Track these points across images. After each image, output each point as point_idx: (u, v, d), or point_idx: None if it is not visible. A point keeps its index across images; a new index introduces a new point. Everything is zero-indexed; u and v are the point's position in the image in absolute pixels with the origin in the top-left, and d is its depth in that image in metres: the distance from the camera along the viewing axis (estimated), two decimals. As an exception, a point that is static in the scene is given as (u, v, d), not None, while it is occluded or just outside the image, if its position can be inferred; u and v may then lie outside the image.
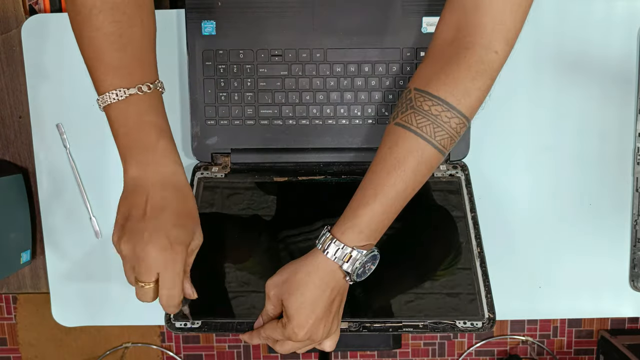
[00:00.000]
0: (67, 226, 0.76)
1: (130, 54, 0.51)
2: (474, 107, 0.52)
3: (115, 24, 0.50)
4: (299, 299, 0.53)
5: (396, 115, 0.54)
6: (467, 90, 0.51)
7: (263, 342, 0.57)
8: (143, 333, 1.72)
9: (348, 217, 0.53)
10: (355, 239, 0.52)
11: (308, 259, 0.54)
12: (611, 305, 0.75)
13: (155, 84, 0.52)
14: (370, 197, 0.52)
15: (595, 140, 0.73)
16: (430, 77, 0.52)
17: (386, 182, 0.52)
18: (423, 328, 0.59)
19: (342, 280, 0.54)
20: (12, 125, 0.77)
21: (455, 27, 0.52)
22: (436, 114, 0.51)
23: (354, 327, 0.60)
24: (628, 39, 0.71)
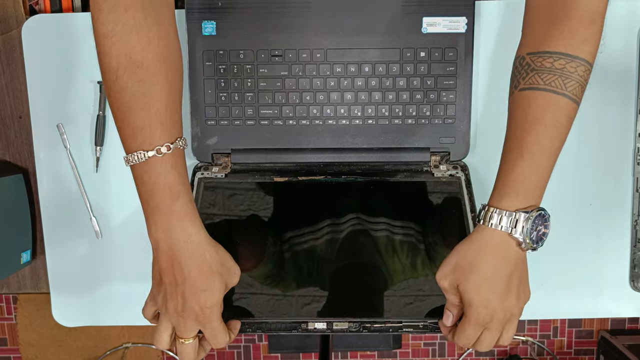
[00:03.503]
0: (67, 226, 0.76)
1: (153, 113, 0.51)
2: (594, 51, 0.53)
3: (139, 84, 0.50)
4: (475, 278, 0.52)
5: (517, 84, 0.54)
6: (585, 38, 0.52)
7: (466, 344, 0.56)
8: (143, 333, 1.72)
9: (501, 184, 0.53)
10: (515, 203, 0.52)
11: (473, 238, 0.53)
12: (611, 305, 0.75)
13: (176, 142, 0.52)
14: (517, 159, 0.52)
15: (595, 140, 0.73)
16: (541, 38, 0.53)
17: (529, 141, 0.52)
18: (423, 328, 0.60)
19: (516, 249, 0.53)
20: (12, 125, 0.77)
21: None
22: (561, 67, 0.52)
23: (354, 327, 0.60)
24: (628, 39, 0.71)
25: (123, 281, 0.76)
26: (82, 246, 0.76)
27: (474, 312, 0.52)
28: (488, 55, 0.72)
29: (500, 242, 0.52)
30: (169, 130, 0.52)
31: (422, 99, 0.70)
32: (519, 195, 0.52)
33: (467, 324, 0.54)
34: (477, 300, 0.52)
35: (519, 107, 0.54)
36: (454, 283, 0.54)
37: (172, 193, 0.51)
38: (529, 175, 0.52)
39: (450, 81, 0.70)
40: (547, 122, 0.52)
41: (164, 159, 0.51)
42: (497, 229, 0.52)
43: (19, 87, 0.76)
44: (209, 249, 0.53)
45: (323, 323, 0.60)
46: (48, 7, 0.76)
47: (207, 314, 0.52)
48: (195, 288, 0.52)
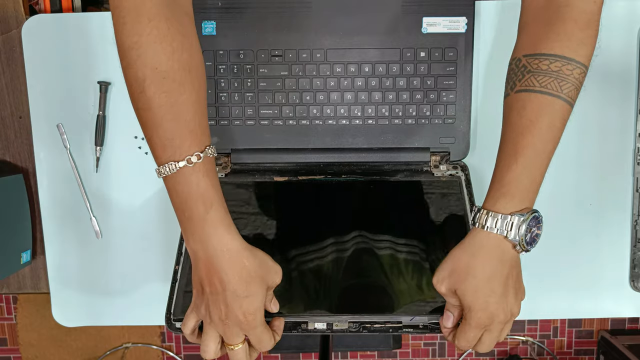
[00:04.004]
0: (67, 226, 0.76)
1: (182, 123, 0.51)
2: (590, 54, 0.53)
3: (166, 95, 0.50)
4: (472, 282, 0.52)
5: (513, 86, 0.55)
6: (581, 41, 0.52)
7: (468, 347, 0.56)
8: (143, 333, 1.72)
9: (495, 187, 0.53)
10: (510, 205, 0.52)
11: (468, 242, 0.53)
12: (611, 305, 0.75)
13: (205, 151, 0.51)
14: (511, 162, 0.52)
15: (595, 140, 0.73)
16: (537, 41, 0.54)
17: (524, 144, 0.52)
18: (423, 328, 0.59)
19: (511, 251, 0.53)
20: (12, 125, 0.77)
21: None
22: (557, 70, 0.52)
23: (354, 327, 0.59)
24: (628, 39, 0.71)
25: (123, 281, 0.76)
26: (82, 246, 0.76)
27: (474, 315, 0.52)
28: (488, 55, 0.72)
29: (496, 245, 0.52)
30: (199, 139, 0.51)
31: (422, 99, 0.70)
32: (513, 198, 0.52)
33: (468, 327, 0.53)
34: (476, 304, 0.52)
35: (513, 109, 0.54)
36: (451, 287, 0.54)
37: (206, 202, 0.51)
38: (523, 178, 0.52)
39: (450, 81, 0.70)
40: (542, 125, 0.52)
41: (195, 169, 0.51)
42: (492, 232, 0.52)
43: (19, 87, 0.76)
44: (246, 254, 0.52)
45: (323, 323, 0.60)
46: (48, 7, 0.76)
47: (250, 320, 0.52)
48: (236, 295, 0.51)
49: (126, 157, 0.74)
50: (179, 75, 0.50)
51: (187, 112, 0.51)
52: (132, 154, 0.75)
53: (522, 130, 0.52)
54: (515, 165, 0.52)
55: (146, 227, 0.75)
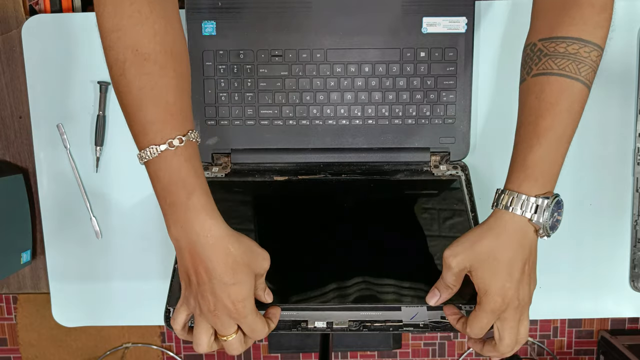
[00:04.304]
0: (67, 226, 0.76)
1: (163, 106, 0.50)
2: (606, 36, 0.54)
3: (147, 77, 0.49)
4: (493, 264, 0.51)
5: (529, 70, 0.54)
6: (597, 24, 0.52)
7: None
8: (143, 333, 1.72)
9: (518, 169, 0.52)
10: (534, 188, 0.52)
11: (491, 222, 0.52)
12: (611, 306, 0.75)
13: (188, 135, 0.50)
14: (534, 144, 0.52)
15: (595, 140, 0.73)
16: (553, 25, 0.54)
17: (545, 126, 0.52)
18: (423, 327, 0.59)
19: (532, 236, 0.53)
20: (12, 125, 0.77)
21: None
22: (574, 52, 0.52)
23: (354, 326, 0.59)
24: (628, 39, 0.71)
25: (123, 281, 0.76)
26: (82, 246, 0.76)
27: (490, 300, 0.51)
28: (488, 55, 0.72)
29: (519, 227, 0.52)
30: (181, 123, 0.50)
31: (422, 99, 0.70)
32: (537, 181, 0.52)
33: (482, 312, 0.52)
34: (494, 288, 0.51)
35: (532, 92, 0.53)
36: (465, 265, 0.52)
37: (187, 187, 0.50)
38: (545, 161, 0.52)
39: (450, 81, 0.70)
40: (562, 107, 0.52)
41: (177, 153, 0.50)
42: (517, 214, 0.51)
43: (19, 87, 0.76)
44: (231, 240, 0.51)
45: (323, 322, 0.60)
46: (48, 7, 0.76)
47: (239, 309, 0.51)
48: (223, 283, 0.50)
49: (126, 157, 0.74)
50: (161, 57, 0.50)
51: (169, 96, 0.50)
52: (132, 154, 0.74)
53: (542, 112, 0.52)
54: (538, 147, 0.52)
55: (146, 227, 0.75)
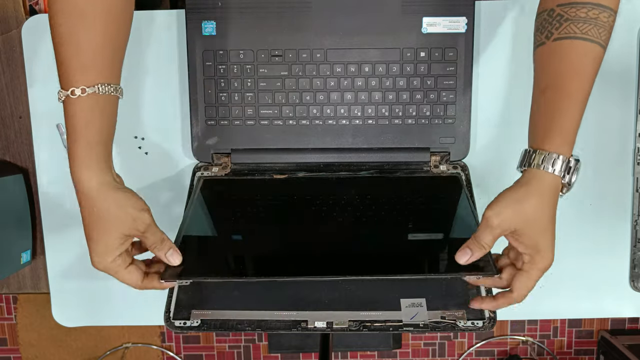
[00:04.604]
0: (67, 226, 0.76)
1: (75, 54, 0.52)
2: (619, 1, 0.55)
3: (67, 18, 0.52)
4: (540, 223, 0.53)
5: (549, 35, 0.56)
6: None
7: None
8: (143, 333, 1.72)
9: (555, 132, 0.54)
10: (567, 149, 0.54)
11: (531, 182, 0.54)
12: (611, 306, 0.75)
13: (94, 87, 0.52)
14: (568, 108, 0.54)
15: (595, 140, 0.73)
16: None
17: (573, 89, 0.54)
18: (423, 327, 0.59)
19: (558, 194, 0.55)
20: (12, 125, 0.77)
21: None
22: (595, 17, 0.54)
23: (354, 326, 0.60)
24: (628, 39, 0.71)
25: (123, 281, 0.76)
26: (82, 246, 0.75)
27: (543, 257, 0.53)
28: (488, 55, 0.72)
29: (555, 186, 0.54)
30: (90, 75, 0.52)
31: (422, 99, 0.70)
32: (570, 143, 0.54)
33: (536, 271, 0.54)
34: (544, 246, 0.53)
35: (555, 55, 0.55)
36: (508, 227, 0.53)
37: (75, 135, 0.52)
38: (576, 124, 0.54)
39: (450, 81, 0.70)
40: (587, 70, 0.54)
41: (76, 102, 0.52)
42: (555, 173, 0.53)
43: (19, 87, 0.76)
44: (99, 196, 0.53)
45: (323, 322, 0.60)
46: (48, 7, 0.76)
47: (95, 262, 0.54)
48: (89, 237, 0.53)
49: (126, 157, 0.74)
50: (90, 8, 0.52)
51: (85, 45, 0.52)
52: (132, 154, 0.75)
53: (570, 75, 0.54)
54: (572, 110, 0.54)
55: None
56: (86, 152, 0.52)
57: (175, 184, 0.74)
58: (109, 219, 0.53)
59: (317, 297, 0.62)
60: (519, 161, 0.57)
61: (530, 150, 0.55)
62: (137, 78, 0.73)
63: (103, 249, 0.53)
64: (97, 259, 0.54)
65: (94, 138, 0.53)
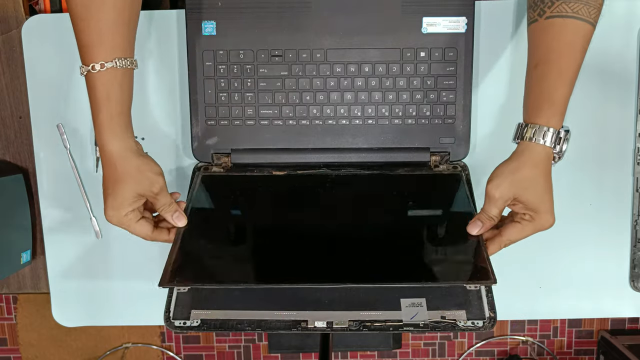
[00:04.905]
0: (67, 226, 0.76)
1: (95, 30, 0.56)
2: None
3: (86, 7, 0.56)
4: (537, 190, 0.58)
5: (541, 12, 0.59)
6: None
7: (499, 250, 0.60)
8: (143, 333, 1.72)
9: (545, 106, 0.58)
10: (559, 122, 0.58)
11: (524, 154, 0.58)
12: (611, 306, 0.75)
13: (113, 62, 0.57)
14: (558, 83, 0.58)
15: (595, 140, 0.73)
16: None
17: (566, 65, 0.58)
18: (423, 327, 0.59)
19: (550, 164, 0.60)
20: (12, 125, 0.77)
21: None
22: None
23: (354, 325, 0.59)
24: (628, 39, 0.71)
25: (123, 281, 0.76)
26: (82, 246, 0.76)
27: (543, 218, 0.58)
28: (488, 55, 0.72)
29: (547, 156, 0.58)
30: (108, 49, 0.57)
31: (422, 99, 0.70)
32: (561, 116, 0.58)
33: (530, 227, 0.59)
34: (544, 208, 0.58)
35: (548, 33, 0.58)
36: (508, 196, 0.58)
37: (97, 105, 0.58)
38: (566, 98, 0.58)
39: (450, 81, 0.70)
40: (578, 48, 0.58)
41: (97, 76, 0.57)
42: (547, 145, 0.58)
43: (19, 87, 0.76)
44: (122, 157, 0.58)
45: (323, 322, 0.60)
46: (48, 7, 0.76)
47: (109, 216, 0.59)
48: (106, 193, 0.59)
49: (126, 157, 0.74)
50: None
51: (99, 22, 0.56)
52: (132, 154, 0.75)
53: (562, 52, 0.58)
54: (562, 85, 0.57)
55: (146, 227, 0.75)
56: (108, 122, 0.58)
57: (175, 184, 0.75)
58: (128, 180, 0.59)
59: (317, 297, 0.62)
60: (513, 134, 0.61)
61: (523, 124, 0.59)
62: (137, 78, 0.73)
63: (119, 204, 0.59)
64: (112, 212, 0.59)
65: (115, 109, 0.58)
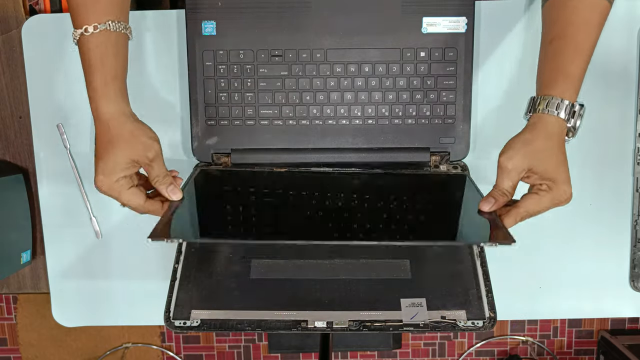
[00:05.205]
0: (67, 226, 0.76)
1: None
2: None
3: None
4: (552, 160, 0.56)
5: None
6: None
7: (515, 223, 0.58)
8: (143, 333, 1.72)
9: (560, 78, 0.58)
10: (573, 96, 0.57)
11: (539, 127, 0.57)
12: (611, 306, 0.75)
13: (106, 24, 0.56)
14: (574, 57, 0.57)
15: (595, 140, 0.73)
16: None
17: (581, 40, 0.58)
18: (423, 327, 0.60)
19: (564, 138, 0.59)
20: (12, 125, 0.77)
21: None
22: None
23: (354, 325, 0.60)
24: (628, 39, 0.71)
25: (123, 281, 0.76)
26: (82, 246, 0.76)
27: (559, 190, 0.56)
28: (488, 55, 0.72)
29: (560, 128, 0.57)
30: (100, 12, 0.56)
31: (422, 99, 0.70)
32: (575, 89, 0.57)
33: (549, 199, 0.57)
34: (561, 178, 0.56)
35: (564, 9, 0.59)
36: (522, 167, 0.56)
37: (92, 70, 0.56)
38: (582, 72, 0.58)
39: (450, 81, 0.70)
40: (595, 23, 0.58)
41: (90, 39, 0.56)
42: (560, 117, 0.57)
43: (19, 87, 0.76)
44: (113, 121, 0.56)
45: (323, 322, 0.60)
46: (48, 7, 0.76)
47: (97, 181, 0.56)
48: (98, 157, 0.56)
49: (126, 157, 0.74)
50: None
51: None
52: (132, 154, 0.75)
53: (579, 27, 0.58)
54: (579, 59, 0.57)
55: (146, 227, 0.75)
56: (103, 86, 0.56)
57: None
58: (121, 144, 0.56)
59: (317, 297, 0.62)
60: (524, 109, 0.60)
61: (536, 97, 0.58)
62: (136, 78, 0.73)
63: (110, 168, 0.56)
64: (102, 177, 0.56)
65: (109, 73, 0.57)
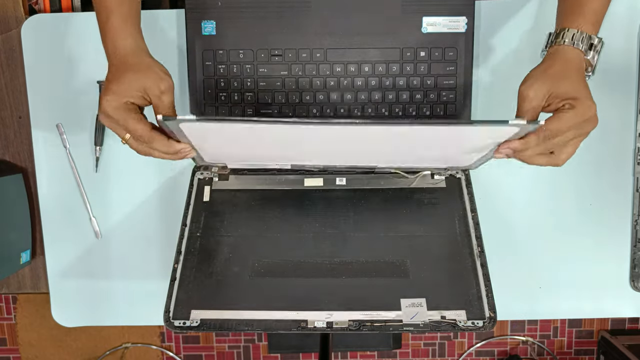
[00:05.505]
0: (67, 226, 0.76)
1: None
2: None
3: None
4: (572, 79, 0.55)
5: None
6: None
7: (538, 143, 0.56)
8: (143, 333, 1.72)
9: (579, 11, 0.57)
10: (592, 29, 0.57)
11: (557, 57, 0.56)
12: (611, 306, 0.75)
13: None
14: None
15: (595, 140, 0.73)
16: None
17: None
18: (423, 327, 0.59)
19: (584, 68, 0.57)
20: (12, 125, 0.77)
21: None
22: None
23: (354, 325, 0.59)
24: (628, 38, 0.71)
25: (123, 281, 0.76)
26: (82, 246, 0.76)
27: (583, 105, 0.54)
28: (488, 55, 0.72)
29: (579, 59, 0.56)
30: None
31: (422, 98, 0.70)
32: (594, 23, 0.57)
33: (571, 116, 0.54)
34: (583, 94, 0.54)
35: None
36: (542, 93, 0.55)
37: (107, 12, 0.58)
38: (603, 7, 0.58)
39: (450, 81, 0.70)
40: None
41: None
42: (578, 48, 0.56)
43: (19, 87, 0.76)
44: (132, 54, 0.57)
45: (323, 322, 0.60)
46: (48, 7, 0.76)
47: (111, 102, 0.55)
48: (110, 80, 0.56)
49: (126, 157, 0.74)
50: None
51: None
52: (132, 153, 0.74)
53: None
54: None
55: (146, 227, 0.75)
56: (122, 23, 0.58)
57: (175, 184, 0.75)
58: (137, 71, 0.56)
59: (317, 297, 0.62)
60: (542, 45, 0.59)
61: (554, 31, 0.58)
62: (137, 78, 0.73)
63: (123, 90, 0.56)
64: (110, 97, 0.55)
65: (127, 12, 0.58)
